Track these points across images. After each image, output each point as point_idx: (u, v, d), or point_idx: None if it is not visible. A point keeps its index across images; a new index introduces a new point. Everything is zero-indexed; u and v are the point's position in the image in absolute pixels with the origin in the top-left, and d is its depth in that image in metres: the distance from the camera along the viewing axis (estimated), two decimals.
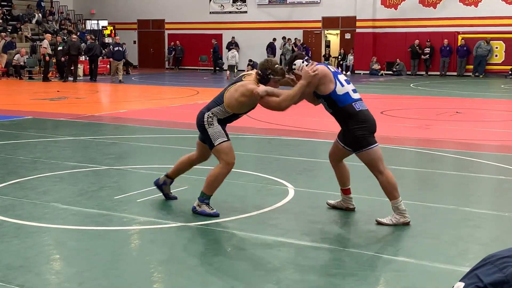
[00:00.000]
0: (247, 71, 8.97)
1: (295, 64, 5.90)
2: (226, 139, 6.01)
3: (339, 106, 5.80)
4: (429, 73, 29.67)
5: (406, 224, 5.71)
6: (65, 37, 31.35)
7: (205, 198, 6.03)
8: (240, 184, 7.39)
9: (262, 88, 5.82)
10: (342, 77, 5.91)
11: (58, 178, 7.61)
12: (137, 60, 35.97)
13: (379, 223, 5.75)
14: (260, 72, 5.92)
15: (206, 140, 6.11)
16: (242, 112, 6.10)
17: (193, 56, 34.65)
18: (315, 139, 10.85)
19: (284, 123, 12.18)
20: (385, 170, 5.82)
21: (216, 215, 5.92)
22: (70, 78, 25.35)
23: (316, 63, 5.94)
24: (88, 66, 27.00)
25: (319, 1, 31.76)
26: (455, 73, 29.12)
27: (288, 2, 32.52)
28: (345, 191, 6.24)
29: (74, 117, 13.55)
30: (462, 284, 1.64)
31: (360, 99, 5.94)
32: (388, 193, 5.81)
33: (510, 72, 27.54)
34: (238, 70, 30.84)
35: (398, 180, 7.55)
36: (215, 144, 5.98)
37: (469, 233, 5.60)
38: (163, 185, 6.61)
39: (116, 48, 25.47)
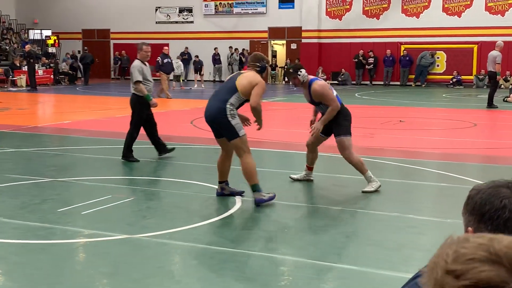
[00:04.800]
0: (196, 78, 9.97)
1: (301, 71, 7.38)
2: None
3: None
4: (373, 82, 30.20)
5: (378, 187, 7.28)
6: (7, 47, 30.72)
7: (256, 188, 6.63)
8: (187, 194, 7.34)
9: None
10: None
11: None
12: (82, 70, 35.47)
13: (364, 192, 7.25)
14: (258, 64, 6.82)
15: (226, 131, 6.63)
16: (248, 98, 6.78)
17: None
18: (260, 148, 10.88)
19: None
20: (355, 153, 7.41)
21: (273, 198, 6.69)
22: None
23: (312, 77, 7.61)
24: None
25: (265, 12, 31.99)
26: (398, 83, 29.73)
27: (234, 13, 32.65)
28: (310, 168, 7.89)
29: (16, 129, 13.25)
30: None
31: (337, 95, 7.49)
32: (360, 169, 7.34)
33: (451, 82, 28.28)
34: (187, 80, 30.74)
35: (342, 188, 7.65)
36: (240, 135, 6.61)
37: (412, 239, 5.71)
38: (224, 191, 7.03)
39: (165, 60, 22.77)
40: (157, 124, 9.71)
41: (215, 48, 31.77)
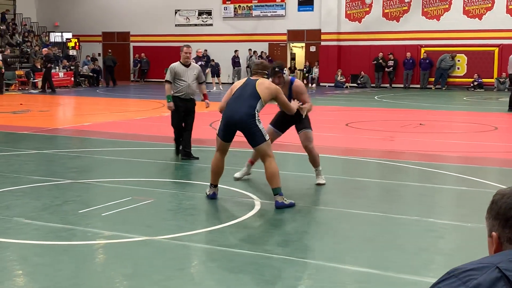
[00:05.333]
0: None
1: (285, 71, 7.85)
2: None
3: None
4: (393, 85, 30.06)
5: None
6: (28, 50, 31.03)
7: (279, 192, 6.80)
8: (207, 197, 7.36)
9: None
10: None
11: (21, 193, 7.49)
12: (103, 73, 35.71)
13: (318, 184, 7.94)
14: (266, 72, 7.27)
15: (253, 136, 6.85)
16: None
17: (158, 68, 34.50)
18: (279, 151, 10.88)
19: None
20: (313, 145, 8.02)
21: (293, 205, 6.82)
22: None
23: (291, 77, 7.98)
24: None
25: (284, 14, 32.00)
26: (418, 86, 29.57)
27: (253, 15, 32.70)
28: (252, 162, 8.28)
29: (37, 130, 13.37)
30: None
31: None
32: (317, 162, 8.07)
33: (472, 85, 28.07)
34: (207, 83, 30.78)
35: (362, 191, 7.64)
36: (266, 140, 6.89)
37: (432, 243, 5.68)
38: (216, 194, 7.15)
39: (198, 63, 21.67)
40: (188, 129, 9.91)
41: (236, 51, 31.82)
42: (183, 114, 9.79)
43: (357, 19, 30.64)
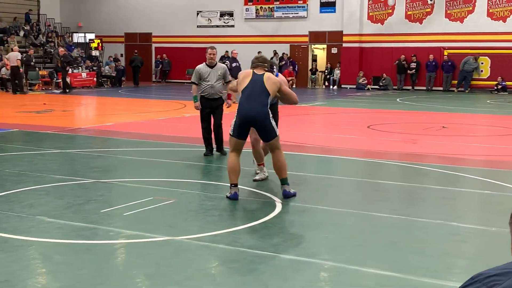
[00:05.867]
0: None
1: (274, 68, 8.38)
2: None
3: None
4: (415, 87, 29.87)
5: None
6: (51, 50, 31.34)
7: (287, 182, 7.23)
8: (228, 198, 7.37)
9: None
10: None
11: (44, 192, 7.56)
12: (125, 73, 35.96)
13: (255, 180, 8.11)
14: (267, 65, 7.49)
15: (267, 131, 7.13)
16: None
17: (180, 69, 34.67)
18: (301, 153, 10.86)
19: None
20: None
21: (295, 194, 7.26)
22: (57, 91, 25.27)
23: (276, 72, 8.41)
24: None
25: (306, 16, 31.96)
26: (441, 88, 29.35)
27: (275, 17, 32.70)
28: (263, 164, 8.41)
29: (60, 130, 13.49)
30: None
31: None
32: (260, 157, 8.22)
33: (495, 88, 27.80)
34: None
35: (384, 194, 7.61)
36: (277, 134, 7.21)
37: (455, 247, 5.62)
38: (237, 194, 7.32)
39: (234, 64, 21.93)
40: (216, 123, 10.33)
41: (259, 52, 31.82)
42: (208, 112, 10.18)
43: (380, 20, 30.50)
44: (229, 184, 7.26)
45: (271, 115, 7.19)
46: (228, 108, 10.50)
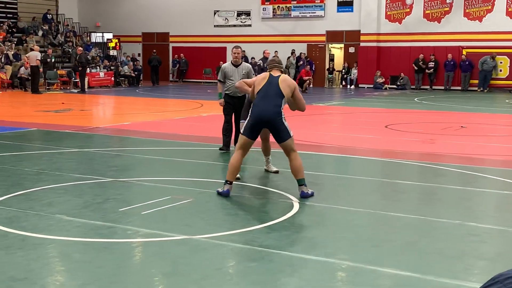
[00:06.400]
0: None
1: None
2: None
3: None
4: (434, 87, 29.69)
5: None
6: (69, 50, 31.55)
7: (304, 182, 7.28)
8: (245, 197, 7.38)
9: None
10: None
11: (63, 190, 7.62)
12: (142, 73, 36.16)
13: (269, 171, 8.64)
14: (281, 65, 7.62)
15: (281, 132, 7.24)
16: None
17: (197, 69, 34.76)
18: (318, 153, 10.84)
19: None
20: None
21: (313, 194, 7.29)
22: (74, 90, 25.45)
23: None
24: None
25: (323, 15, 31.88)
26: (459, 88, 29.14)
27: (292, 16, 32.65)
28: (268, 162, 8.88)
29: (79, 129, 13.58)
30: None
31: None
32: (267, 151, 8.70)
33: None
34: None
35: (402, 194, 7.57)
36: (291, 135, 7.31)
37: (474, 248, 5.58)
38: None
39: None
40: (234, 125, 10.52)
41: (275, 52, 31.85)
42: (231, 109, 10.50)
43: (398, 20, 30.35)
44: (224, 180, 7.35)
45: (283, 116, 7.29)
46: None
